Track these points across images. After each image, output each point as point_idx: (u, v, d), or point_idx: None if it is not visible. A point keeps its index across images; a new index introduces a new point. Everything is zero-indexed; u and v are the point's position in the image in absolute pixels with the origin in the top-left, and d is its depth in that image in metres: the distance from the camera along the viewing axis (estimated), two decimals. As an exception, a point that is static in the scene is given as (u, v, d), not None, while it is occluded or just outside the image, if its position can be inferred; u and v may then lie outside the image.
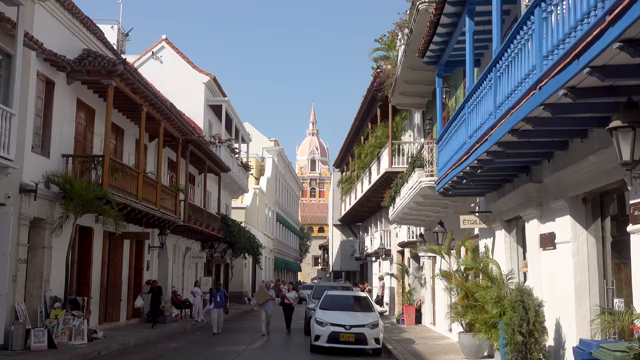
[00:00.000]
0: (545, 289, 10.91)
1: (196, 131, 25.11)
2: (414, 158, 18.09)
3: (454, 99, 16.78)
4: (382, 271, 33.87)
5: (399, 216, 21.70)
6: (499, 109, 9.06)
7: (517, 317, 10.11)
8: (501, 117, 8.87)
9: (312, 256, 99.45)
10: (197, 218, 25.93)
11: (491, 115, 9.49)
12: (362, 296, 18.72)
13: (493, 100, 9.33)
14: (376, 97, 26.75)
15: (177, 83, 31.42)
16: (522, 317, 10.08)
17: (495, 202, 13.26)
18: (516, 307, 10.22)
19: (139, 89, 17.91)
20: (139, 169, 18.95)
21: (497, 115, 9.11)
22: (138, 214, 18.70)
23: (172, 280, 26.48)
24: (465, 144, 11.32)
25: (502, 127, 8.83)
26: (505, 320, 10.53)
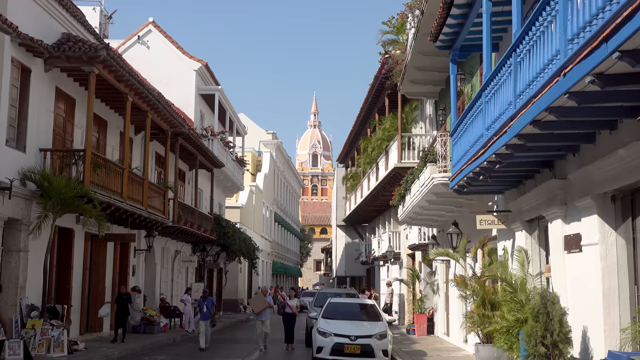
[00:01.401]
0: (570, 295, 10.91)
1: (186, 123, 25.12)
2: (426, 152, 18.08)
3: (470, 87, 16.76)
4: (390, 276, 33.87)
5: (409, 216, 21.69)
6: (520, 98, 9.04)
7: (540, 326, 10.11)
8: (522, 106, 8.85)
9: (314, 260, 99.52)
10: (188, 218, 25.96)
11: (511, 104, 9.48)
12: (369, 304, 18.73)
13: (513, 88, 9.32)
14: (384, 85, 26.73)
15: (166, 70, 31.42)
16: (545, 326, 10.07)
17: (515, 201, 13.25)
18: (539, 316, 10.22)
19: (123, 76, 17.91)
20: (124, 164, 18.96)
21: (518, 105, 9.10)
22: (123, 214, 18.72)
23: (161, 287, 26.52)
24: (482, 136, 11.30)
25: (522, 118, 8.81)
26: (527, 330, 10.53)
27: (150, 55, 31.79)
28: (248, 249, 36.48)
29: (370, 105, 31.75)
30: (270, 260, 55.45)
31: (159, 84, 28.86)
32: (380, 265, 38.98)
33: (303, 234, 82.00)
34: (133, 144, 22.71)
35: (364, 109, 33.15)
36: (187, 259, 29.74)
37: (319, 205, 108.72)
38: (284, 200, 64.00)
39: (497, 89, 10.36)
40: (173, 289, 28.27)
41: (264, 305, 19.15)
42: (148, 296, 24.19)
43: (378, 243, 36.89)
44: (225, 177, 34.72)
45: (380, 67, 25.96)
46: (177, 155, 25.53)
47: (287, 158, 64.89)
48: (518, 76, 9.11)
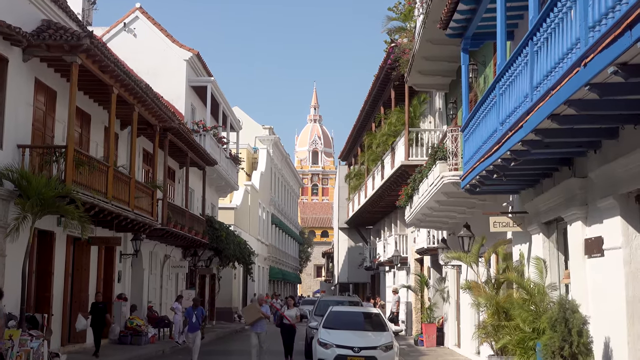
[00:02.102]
0: (591, 303, 10.90)
1: (176, 117, 25.12)
2: (435, 149, 18.08)
3: (483, 79, 16.76)
4: (397, 283, 33.87)
5: (417, 218, 21.69)
6: (536, 90, 9.03)
7: (559, 337, 10.11)
8: (539, 99, 8.85)
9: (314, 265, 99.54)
10: (178, 220, 25.97)
11: (527, 97, 9.47)
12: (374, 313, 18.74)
13: (529, 80, 9.31)
14: (390, 76, 26.73)
15: (154, 60, 31.43)
16: (564, 337, 10.07)
17: (532, 201, 13.24)
18: (557, 326, 10.21)
19: (108, 67, 17.91)
20: (109, 162, 18.97)
21: (534, 98, 9.09)
22: (108, 215, 18.72)
23: (149, 294, 26.53)
24: (496, 131, 11.30)
25: (539, 112, 8.81)
26: (544, 341, 10.53)
27: (137, 44, 31.79)
28: (243, 253, 36.48)
29: (375, 98, 31.74)
30: (267, 266, 55.46)
31: (146, 75, 28.86)
32: (385, 271, 38.98)
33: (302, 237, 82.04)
34: (119, 140, 22.71)
35: (368, 102, 33.14)
36: (177, 264, 29.74)
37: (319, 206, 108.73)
38: (281, 201, 64.00)
39: (512, 80, 10.35)
40: (162, 297, 28.28)
41: (257, 315, 18.04)
42: (135, 304, 24.19)
43: (383, 247, 36.88)
44: (218, 176, 34.73)
45: (385, 56, 25.94)
46: (166, 152, 25.53)
47: (285, 155, 64.91)
48: (535, 66, 9.10)
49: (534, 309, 11.75)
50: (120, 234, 21.95)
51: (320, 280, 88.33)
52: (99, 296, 19.77)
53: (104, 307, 19.43)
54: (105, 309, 19.49)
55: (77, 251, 19.99)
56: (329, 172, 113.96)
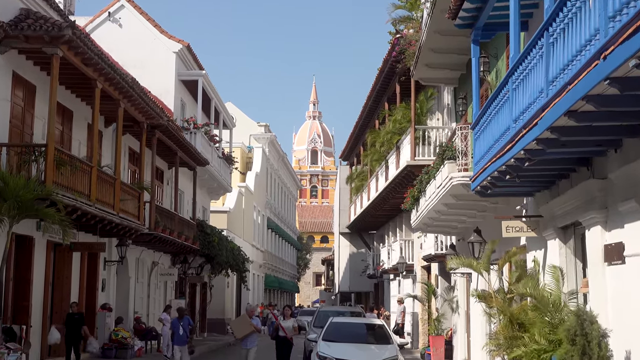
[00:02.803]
0: (611, 314, 10.90)
1: (165, 113, 25.12)
2: (443, 148, 18.09)
3: (494, 73, 16.76)
4: (402, 292, 33.87)
5: (423, 222, 21.68)
6: (552, 85, 9.03)
7: (576, 350, 10.11)
8: (555, 95, 8.84)
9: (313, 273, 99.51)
10: (167, 225, 25.96)
11: (542, 92, 9.47)
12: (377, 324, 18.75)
13: (544, 74, 9.31)
14: (395, 70, 26.75)
15: (141, 52, 31.43)
16: (582, 350, 10.06)
17: (547, 204, 13.24)
18: (575, 338, 10.21)
19: (91, 59, 17.91)
20: (92, 162, 18.97)
21: (550, 93, 9.09)
22: (91, 219, 18.72)
23: (135, 304, 26.52)
24: (509, 129, 11.29)
25: (556, 108, 8.81)
26: (561, 354, 10.53)
27: (123, 35, 31.79)
28: (236, 260, 36.49)
29: (378, 93, 31.75)
30: (262, 274, 55.46)
31: (133, 68, 28.86)
32: (390, 279, 38.97)
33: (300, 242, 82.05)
34: (103, 138, 22.71)
35: (372, 98, 33.14)
36: (165, 271, 29.74)
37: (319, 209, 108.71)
38: (278, 204, 64.01)
39: (527, 74, 10.35)
40: (149, 307, 28.27)
41: (248, 329, 17.40)
42: (120, 315, 24.18)
43: (388, 253, 36.89)
44: (210, 177, 34.73)
45: (390, 49, 25.95)
46: (154, 151, 25.54)
47: (282, 155, 64.93)
48: (551, 59, 9.10)
49: (549, 320, 11.73)
50: (104, 240, 21.94)
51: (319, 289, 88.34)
52: (74, 306, 19.31)
53: (80, 319, 19.00)
54: (81, 320, 19.05)
55: (58, 258, 19.97)
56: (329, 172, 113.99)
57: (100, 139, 22.07)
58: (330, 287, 72.43)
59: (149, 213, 24.35)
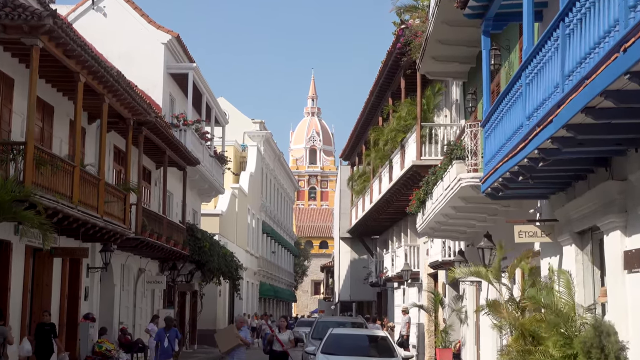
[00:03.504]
0: (631, 326, 10.90)
1: (153, 109, 25.12)
2: (452, 146, 18.10)
3: (507, 66, 16.77)
4: (407, 302, 33.86)
5: (430, 226, 21.69)
6: (569, 79, 9.04)
7: (593, 364, 10.11)
8: (571, 90, 8.85)
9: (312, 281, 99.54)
10: (154, 229, 25.96)
11: (558, 87, 9.47)
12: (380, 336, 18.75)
13: (560, 67, 9.31)
14: (399, 63, 26.75)
15: (127, 43, 31.42)
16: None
17: (563, 207, 13.25)
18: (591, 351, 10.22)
19: (74, 51, 17.90)
20: (75, 161, 18.96)
21: (566, 88, 9.09)
22: (73, 222, 18.71)
23: (120, 314, 26.51)
24: (522, 127, 11.30)
25: (572, 104, 8.81)
26: (576, 369, 10.54)
27: (108, 25, 31.77)
28: (229, 267, 36.47)
29: (382, 88, 31.75)
30: (257, 282, 55.46)
31: (118, 60, 28.86)
32: (394, 287, 38.95)
33: (298, 248, 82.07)
34: (86, 135, 22.69)
35: (375, 93, 33.14)
36: (153, 279, 29.72)
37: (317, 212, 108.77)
38: (274, 207, 64.00)
39: (541, 68, 10.35)
40: (136, 317, 28.26)
41: (234, 342, 16.81)
42: (104, 326, 24.17)
43: (392, 260, 36.89)
44: (201, 178, 34.72)
45: (394, 40, 25.94)
46: (140, 150, 25.53)
47: (278, 154, 64.94)
48: (567, 52, 9.11)
49: (565, 332, 11.74)
50: (87, 245, 21.92)
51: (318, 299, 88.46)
52: (45, 316, 18.76)
53: (51, 329, 18.60)
54: (53, 331, 18.66)
55: (38, 264, 19.95)
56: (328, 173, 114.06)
57: (83, 136, 22.05)
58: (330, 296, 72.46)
59: (135, 216, 24.33)
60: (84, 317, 22.51)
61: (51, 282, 20.60)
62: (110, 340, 23.81)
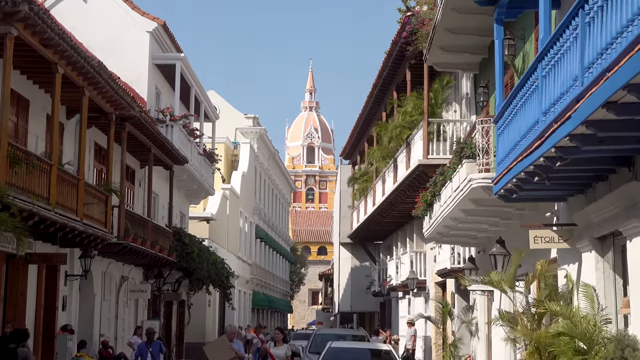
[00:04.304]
0: (657, 339, 10.90)
1: (137, 103, 25.10)
2: (461, 144, 18.10)
3: (521, 57, 16.78)
4: (413, 313, 33.88)
5: (438, 231, 21.69)
6: (589, 72, 9.03)
7: (615, 382, 10.11)
8: (591, 83, 8.84)
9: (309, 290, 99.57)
10: (138, 233, 25.94)
11: (577, 80, 9.47)
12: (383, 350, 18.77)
13: (579, 59, 9.31)
14: (405, 53, 26.76)
15: (109, 32, 31.38)
16: (621, 381, 10.07)
17: (582, 211, 13.25)
18: (613, 367, 10.22)
19: (51, 40, 17.89)
20: (52, 159, 18.95)
21: (586, 81, 9.09)
22: (50, 226, 18.69)
23: (101, 326, 26.49)
24: (538, 123, 11.30)
25: (592, 99, 8.81)
26: (596, 386, 10.54)
27: (88, 12, 31.73)
28: (219, 274, 36.46)
29: (386, 80, 31.77)
30: (249, 291, 55.44)
31: (99, 50, 28.83)
32: (399, 297, 38.98)
33: (294, 254, 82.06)
34: (64, 131, 22.68)
35: (378, 86, 33.17)
36: (136, 287, 29.70)
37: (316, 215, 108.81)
38: (269, 209, 63.98)
39: (558, 59, 10.35)
40: (118, 329, 28.24)
41: (228, 355, 16.78)
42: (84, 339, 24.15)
43: (396, 267, 36.92)
44: (189, 177, 34.69)
45: (400, 29, 25.96)
46: (124, 147, 25.51)
47: (273, 152, 64.92)
48: (587, 42, 9.10)
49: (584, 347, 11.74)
50: (65, 250, 21.89)
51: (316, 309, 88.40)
52: (8, 327, 18.25)
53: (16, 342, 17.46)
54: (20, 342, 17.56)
55: (12, 271, 19.93)
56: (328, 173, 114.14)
57: (62, 132, 22.03)
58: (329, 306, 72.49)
59: (117, 219, 24.30)
60: (62, 329, 22.48)
61: (26, 291, 20.57)
62: (90, 354, 23.79)
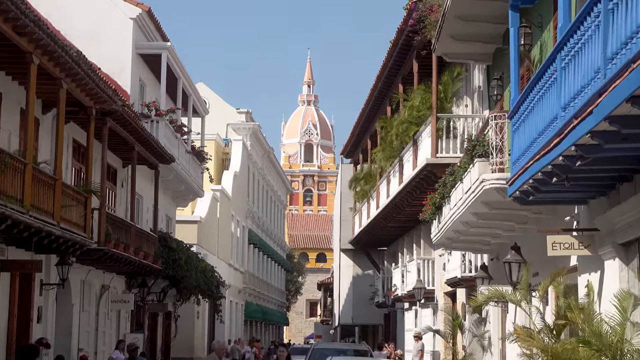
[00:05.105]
0: (686, 355, 10.91)
1: (119, 96, 25.09)
2: (473, 142, 18.10)
3: (539, 47, 16.78)
4: (420, 326, 33.86)
5: (447, 236, 21.68)
6: (612, 63, 9.03)
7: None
8: (615, 75, 8.84)
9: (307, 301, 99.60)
10: (121, 238, 25.93)
11: (599, 72, 9.47)
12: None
13: (602, 49, 9.30)
14: (412, 43, 26.75)
15: (89, 19, 31.38)
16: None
17: (605, 215, 13.24)
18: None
19: (26, 27, 17.89)
20: (27, 157, 18.94)
21: (609, 73, 9.09)
22: (24, 230, 18.69)
23: (79, 339, 26.47)
24: (557, 119, 11.30)
25: (616, 92, 8.80)
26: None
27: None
28: (209, 283, 36.45)
29: (391, 72, 31.76)
30: (242, 301, 55.44)
31: (79, 39, 28.81)
32: (404, 308, 38.96)
33: (291, 262, 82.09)
34: (40, 127, 22.67)
35: (382, 78, 33.15)
36: (118, 298, 29.68)
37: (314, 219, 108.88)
38: (263, 212, 63.97)
39: (579, 49, 10.35)
40: (98, 343, 28.23)
41: None
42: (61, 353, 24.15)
43: (402, 276, 36.91)
44: (176, 178, 34.68)
45: (406, 16, 25.96)
46: (104, 145, 25.51)
47: (268, 150, 64.93)
48: (610, 30, 9.09)
49: None
50: (41, 257, 21.89)
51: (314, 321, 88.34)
52: None
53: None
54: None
55: (-18, 279, 19.94)
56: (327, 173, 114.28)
57: (37, 128, 22.02)
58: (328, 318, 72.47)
59: (98, 223, 24.29)
60: (37, 343, 22.48)
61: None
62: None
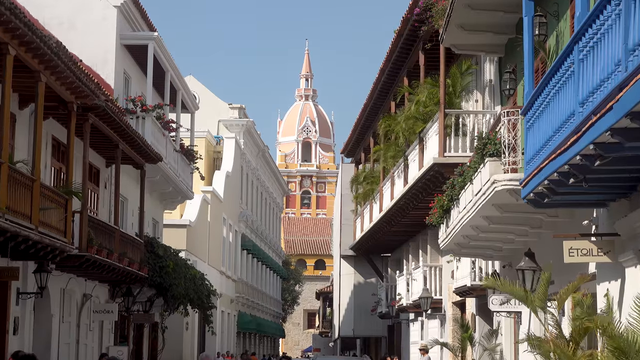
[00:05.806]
0: None
1: (102, 91, 25.09)
2: (484, 140, 18.11)
3: (555, 37, 16.79)
4: (426, 338, 33.88)
5: (456, 242, 21.69)
6: (634, 55, 9.04)
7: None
8: (637, 68, 8.85)
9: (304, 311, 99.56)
10: (104, 243, 25.92)
11: (619, 65, 9.47)
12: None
13: (622, 40, 9.31)
14: (418, 33, 26.77)
15: (70, 7, 31.38)
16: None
17: (626, 218, 13.25)
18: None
19: (2, 15, 17.89)
20: (2, 156, 18.96)
21: (630, 66, 9.09)
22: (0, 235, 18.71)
23: (59, 352, 26.48)
24: (574, 115, 11.30)
25: (638, 87, 8.81)
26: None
27: (46, -17, 31.78)
28: (199, 292, 36.44)
29: (395, 65, 31.77)
30: (234, 312, 55.42)
31: (58, 28, 28.84)
32: (410, 319, 38.98)
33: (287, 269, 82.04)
34: (17, 123, 22.68)
35: (386, 72, 33.15)
36: (101, 308, 29.68)
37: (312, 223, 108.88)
38: (257, 216, 63.96)
39: (598, 40, 10.35)
40: (79, 356, 28.23)
41: None
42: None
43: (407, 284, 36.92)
44: (163, 178, 34.67)
45: (411, 4, 25.96)
46: (86, 143, 25.50)
47: (263, 148, 64.91)
48: (631, 19, 9.11)
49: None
50: (17, 263, 21.90)
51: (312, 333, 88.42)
52: None
53: None
54: None
55: (-46, 288, 19.95)
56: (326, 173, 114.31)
57: (13, 124, 22.03)
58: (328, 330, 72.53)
59: (79, 227, 24.28)
60: (12, 357, 22.48)
61: (-29, 311, 20.60)
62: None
